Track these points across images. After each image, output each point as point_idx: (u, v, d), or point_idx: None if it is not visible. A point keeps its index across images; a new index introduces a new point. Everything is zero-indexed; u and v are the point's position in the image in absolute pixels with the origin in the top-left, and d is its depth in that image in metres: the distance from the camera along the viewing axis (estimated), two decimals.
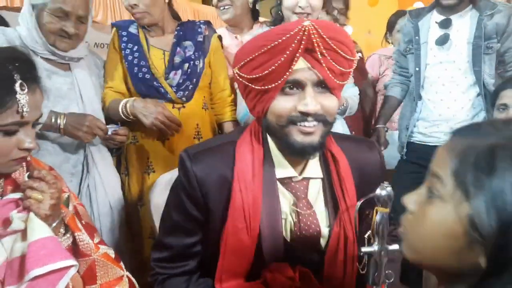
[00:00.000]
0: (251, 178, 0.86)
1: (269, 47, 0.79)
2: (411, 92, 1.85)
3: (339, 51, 0.81)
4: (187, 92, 1.49)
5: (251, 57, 0.81)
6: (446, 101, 1.75)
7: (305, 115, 0.81)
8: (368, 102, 2.41)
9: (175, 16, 1.60)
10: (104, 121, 1.43)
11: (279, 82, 0.80)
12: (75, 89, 1.40)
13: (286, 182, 0.90)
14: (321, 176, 0.92)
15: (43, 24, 1.30)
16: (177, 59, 1.50)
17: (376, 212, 0.75)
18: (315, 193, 0.91)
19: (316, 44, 0.78)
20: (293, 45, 0.78)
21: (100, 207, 1.40)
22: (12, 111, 0.76)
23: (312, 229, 0.90)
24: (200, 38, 1.54)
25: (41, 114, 0.84)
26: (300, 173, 0.91)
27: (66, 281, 0.77)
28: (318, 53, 0.79)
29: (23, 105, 0.76)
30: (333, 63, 0.80)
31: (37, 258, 0.74)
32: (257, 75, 0.82)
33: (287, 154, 0.89)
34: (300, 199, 0.89)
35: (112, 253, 0.91)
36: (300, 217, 0.89)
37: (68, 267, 0.78)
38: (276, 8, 1.58)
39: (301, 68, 0.80)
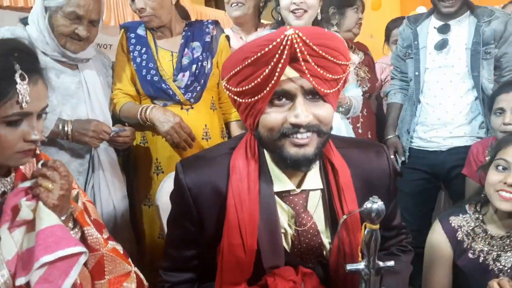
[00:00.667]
0: (246, 193, 0.84)
1: (252, 59, 0.76)
2: (411, 96, 1.88)
3: (329, 57, 0.77)
4: (195, 93, 1.51)
5: (235, 70, 0.79)
6: (444, 105, 1.77)
7: (297, 127, 0.78)
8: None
9: (183, 15, 1.63)
10: (110, 121, 1.46)
11: (265, 93, 0.77)
12: (83, 88, 1.42)
13: (285, 195, 0.88)
14: (321, 187, 0.89)
15: (56, 26, 1.33)
16: (185, 61, 1.52)
17: (365, 228, 0.72)
18: (315, 205, 0.89)
19: (299, 53, 0.74)
20: (277, 55, 0.74)
21: (103, 207, 1.42)
22: (13, 101, 0.77)
23: (314, 242, 0.88)
24: (208, 39, 1.55)
25: (46, 105, 0.84)
26: (299, 186, 0.88)
27: (79, 269, 0.78)
28: (302, 61, 0.75)
29: (24, 95, 0.77)
30: (320, 70, 0.76)
31: (46, 245, 0.75)
32: (243, 88, 0.79)
33: (283, 167, 0.86)
34: (299, 212, 0.87)
35: (120, 249, 0.93)
36: (300, 231, 0.87)
37: (78, 254, 0.79)
38: (276, 10, 1.60)
39: (289, 78, 0.77)
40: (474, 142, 1.70)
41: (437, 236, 1.32)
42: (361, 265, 0.73)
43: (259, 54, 0.75)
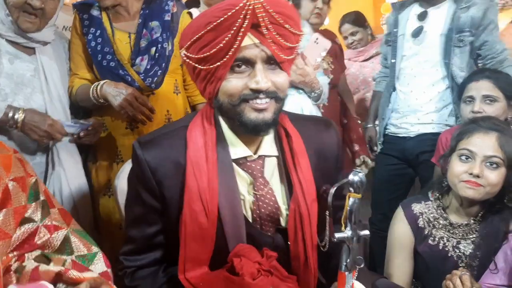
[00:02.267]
0: (204, 160, 0.87)
1: (215, 23, 0.79)
2: (389, 83, 1.91)
3: (286, 25, 0.82)
4: (156, 78, 1.44)
5: (197, 36, 0.82)
6: (415, 93, 1.79)
7: (257, 92, 0.83)
8: (347, 95, 2.37)
9: None
10: (69, 113, 1.41)
11: (226, 59, 0.81)
12: (40, 76, 1.34)
13: (242, 162, 0.92)
14: (276, 154, 0.94)
15: None
16: (143, 43, 1.44)
17: (349, 198, 0.77)
18: (271, 171, 0.94)
19: (261, 19, 0.79)
20: (239, 20, 0.78)
21: (64, 205, 1.37)
22: None
23: (271, 207, 0.92)
24: (167, 17, 1.46)
25: None
26: (255, 152, 0.93)
27: None
28: (264, 28, 0.80)
29: None
30: (279, 38, 0.82)
31: None
32: (204, 55, 0.82)
33: (240, 134, 0.91)
34: (257, 177, 0.92)
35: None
36: (258, 196, 0.91)
37: None
38: None
39: (249, 45, 0.82)
40: (442, 130, 1.73)
41: (399, 223, 1.34)
42: (347, 233, 0.77)
43: (222, 18, 0.78)
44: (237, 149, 0.90)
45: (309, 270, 0.93)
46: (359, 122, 2.25)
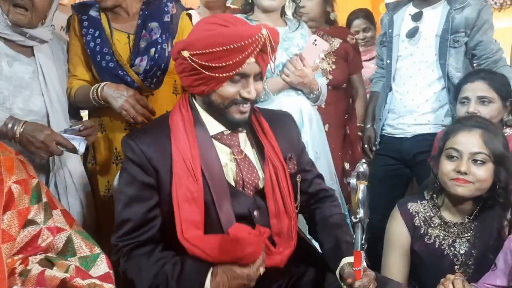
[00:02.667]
0: (185, 137, 1.06)
1: (230, 46, 0.97)
2: (385, 84, 1.93)
3: (274, 49, 1.06)
4: (155, 79, 1.45)
5: (210, 51, 0.98)
6: (411, 93, 1.81)
7: (246, 100, 1.05)
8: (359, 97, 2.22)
9: None
10: (67, 116, 1.40)
11: (231, 73, 1.01)
12: (39, 77, 1.34)
13: (219, 137, 1.11)
14: (246, 130, 1.15)
15: None
16: (142, 43, 1.44)
17: (359, 185, 0.93)
18: (243, 143, 1.14)
19: (269, 49, 1.03)
20: (251, 48, 0.99)
21: (70, 207, 1.38)
22: None
23: (251, 171, 1.11)
24: (167, 18, 1.47)
25: None
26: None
27: None
28: (270, 54, 1.04)
29: None
30: (269, 59, 1.06)
31: None
32: (212, 64, 0.99)
33: (222, 123, 1.10)
34: (233, 146, 1.11)
35: None
36: (238, 161, 1.10)
37: None
38: None
39: (249, 63, 1.02)
40: (438, 130, 1.74)
41: (395, 222, 1.36)
42: (361, 214, 0.93)
43: (237, 44, 0.97)
44: (214, 127, 1.10)
45: (289, 226, 1.11)
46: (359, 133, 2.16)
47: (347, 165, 2.09)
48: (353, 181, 0.94)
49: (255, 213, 1.08)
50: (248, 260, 0.96)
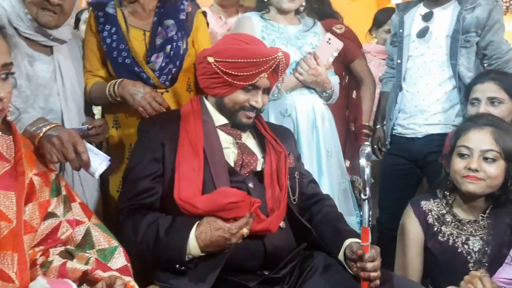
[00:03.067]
0: (193, 125, 1.20)
1: (250, 60, 1.17)
2: (396, 84, 1.93)
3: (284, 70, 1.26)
4: (170, 76, 1.46)
5: (233, 61, 1.18)
6: (422, 93, 1.81)
7: (253, 108, 1.23)
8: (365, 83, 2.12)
9: None
10: (83, 116, 1.41)
11: (245, 83, 1.19)
12: (57, 76, 1.34)
13: (224, 128, 1.26)
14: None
15: None
16: (158, 40, 1.46)
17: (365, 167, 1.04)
18: (245, 135, 1.29)
19: (281, 69, 1.23)
20: (268, 65, 1.19)
21: (89, 197, 1.39)
22: None
23: (250, 154, 1.23)
24: (182, 16, 1.49)
25: (7, 63, 0.85)
26: None
27: None
28: (279, 73, 1.23)
29: None
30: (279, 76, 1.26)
31: None
32: (232, 72, 1.18)
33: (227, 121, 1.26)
34: (236, 135, 1.26)
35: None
36: (239, 144, 1.24)
37: None
38: None
39: (262, 77, 1.20)
40: (449, 130, 1.74)
41: (409, 220, 1.37)
42: (368, 193, 1.03)
43: (257, 60, 1.17)
44: (220, 120, 1.26)
45: (284, 205, 1.19)
46: (366, 131, 2.10)
47: (347, 163, 2.03)
48: (362, 161, 1.02)
49: (251, 185, 1.17)
50: (232, 212, 1.05)
